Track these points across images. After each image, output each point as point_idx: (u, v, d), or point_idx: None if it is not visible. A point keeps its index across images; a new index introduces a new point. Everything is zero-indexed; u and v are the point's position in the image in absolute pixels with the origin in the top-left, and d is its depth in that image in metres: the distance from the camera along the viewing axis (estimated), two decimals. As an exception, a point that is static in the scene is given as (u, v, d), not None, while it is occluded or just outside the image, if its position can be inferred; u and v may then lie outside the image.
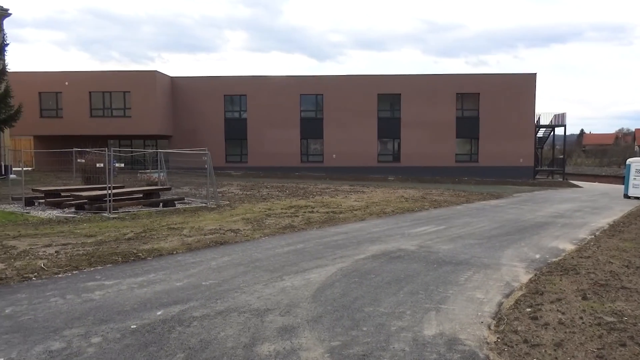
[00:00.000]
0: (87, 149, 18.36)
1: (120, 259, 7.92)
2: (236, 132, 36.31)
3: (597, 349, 4.44)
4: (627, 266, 7.75)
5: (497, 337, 4.76)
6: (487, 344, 4.62)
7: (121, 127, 33.63)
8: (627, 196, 23.47)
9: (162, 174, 18.55)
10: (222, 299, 5.83)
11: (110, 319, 5.12)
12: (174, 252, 8.55)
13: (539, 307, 5.64)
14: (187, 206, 15.44)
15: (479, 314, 5.49)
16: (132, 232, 10.41)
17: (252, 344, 4.49)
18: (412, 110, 35.75)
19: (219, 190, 18.50)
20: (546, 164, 43.39)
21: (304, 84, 36.26)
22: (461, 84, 36.07)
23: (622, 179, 29.52)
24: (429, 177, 33.52)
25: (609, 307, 5.61)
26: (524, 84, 35.72)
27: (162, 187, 16.87)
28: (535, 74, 35.86)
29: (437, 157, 35.70)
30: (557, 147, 45.45)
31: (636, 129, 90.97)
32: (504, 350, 4.46)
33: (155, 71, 33.69)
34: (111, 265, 7.58)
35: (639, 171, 23.64)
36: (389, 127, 36.17)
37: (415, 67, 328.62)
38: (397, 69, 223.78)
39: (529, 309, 5.57)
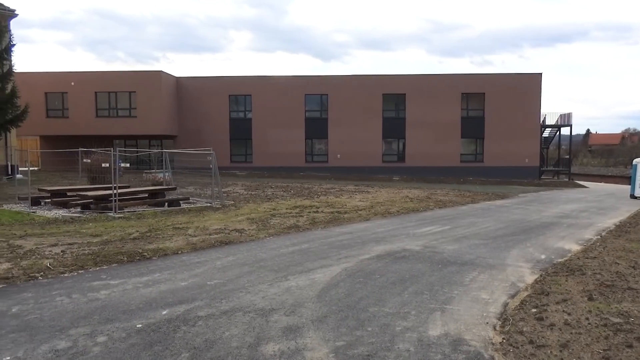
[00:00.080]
0: (92, 149, 18.45)
1: (125, 258, 7.95)
2: (241, 132, 36.36)
3: (603, 350, 4.42)
4: (633, 267, 7.70)
5: (503, 338, 4.74)
6: (493, 344, 4.61)
7: (126, 127, 33.75)
8: (633, 196, 23.33)
9: (167, 174, 18.60)
10: (227, 299, 5.84)
11: (115, 318, 5.14)
12: (179, 252, 8.57)
13: (545, 307, 5.61)
14: (192, 206, 15.48)
15: (484, 314, 5.47)
16: (137, 231, 10.45)
17: (257, 343, 4.50)
18: (417, 110, 35.68)
19: (223, 190, 18.54)
20: (552, 164, 43.21)
21: (308, 84, 36.27)
22: (466, 83, 35.96)
23: (628, 180, 29.33)
24: (434, 177, 33.44)
25: (615, 308, 5.58)
26: (529, 84, 35.57)
27: (167, 187, 16.91)
28: (540, 73, 35.71)
29: (442, 157, 35.62)
30: (562, 147, 45.27)
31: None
32: (509, 351, 4.44)
33: (160, 71, 33.78)
34: (117, 264, 7.61)
35: None
36: (394, 127, 36.12)
37: (420, 67, 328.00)
38: (402, 69, 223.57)
39: (534, 310, 5.55)
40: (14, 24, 26.78)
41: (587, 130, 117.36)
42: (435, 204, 17.60)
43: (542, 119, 37.33)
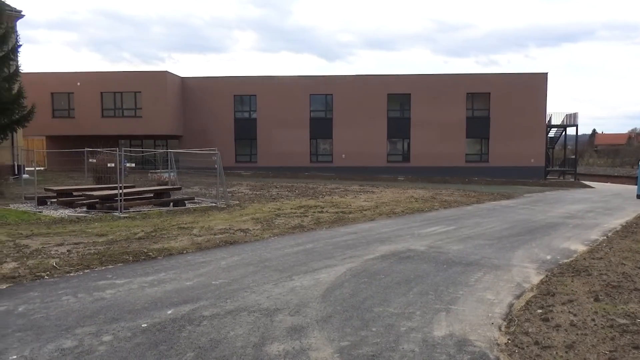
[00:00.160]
0: (98, 149, 18.53)
1: (131, 258, 7.98)
2: (246, 132, 36.41)
3: (610, 351, 4.40)
4: (639, 267, 7.66)
5: (508, 339, 4.73)
6: (498, 345, 4.59)
7: (132, 127, 33.86)
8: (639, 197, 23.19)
9: (172, 174, 18.66)
10: (232, 299, 5.86)
11: (121, 317, 5.16)
12: (184, 252, 8.60)
13: (550, 308, 5.59)
14: (197, 206, 15.52)
15: (490, 315, 5.46)
16: (142, 231, 10.49)
17: (262, 343, 4.51)
18: (422, 110, 35.60)
19: (228, 190, 18.57)
20: (557, 164, 43.02)
21: (313, 84, 36.26)
22: (471, 83, 35.84)
23: (634, 180, 29.18)
24: (439, 177, 33.35)
25: (622, 309, 5.55)
26: (534, 84, 35.41)
27: (172, 186, 16.96)
28: (546, 73, 35.55)
29: (447, 157, 35.52)
30: (568, 147, 45.11)
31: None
32: (514, 351, 4.43)
33: (165, 71, 33.86)
34: (122, 264, 7.64)
35: None
36: (399, 127, 36.06)
37: (425, 67, 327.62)
38: (407, 69, 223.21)
39: (540, 311, 5.53)
40: (20, 25, 26.93)
41: (593, 130, 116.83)
42: (440, 204, 17.56)
43: (547, 119, 37.17)
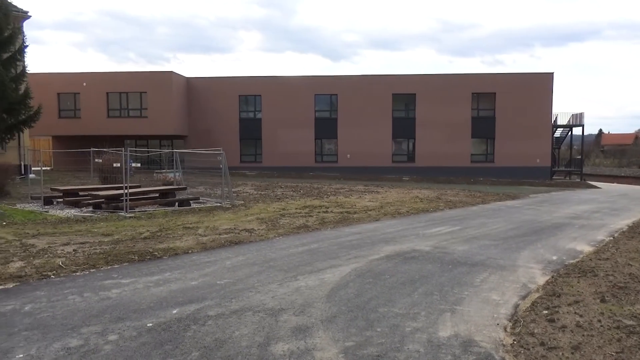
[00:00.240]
0: (104, 149, 18.61)
1: (136, 257, 8.01)
2: (251, 132, 36.47)
3: (616, 352, 4.37)
4: (647, 268, 7.61)
5: (514, 339, 4.71)
6: (503, 346, 4.58)
7: (138, 127, 34.00)
8: None
9: (177, 174, 18.71)
10: (237, 298, 5.86)
11: (126, 317, 5.18)
12: (189, 251, 8.62)
13: (556, 309, 5.56)
14: (202, 206, 15.56)
15: (495, 315, 5.44)
16: (148, 231, 10.52)
17: (267, 343, 4.51)
18: (427, 110, 35.53)
19: (233, 190, 18.60)
20: (563, 164, 42.80)
21: (318, 84, 36.28)
22: (477, 83, 35.74)
23: (641, 180, 28.98)
24: (444, 178, 33.25)
25: (628, 310, 5.52)
26: (540, 84, 35.27)
27: (177, 186, 17.01)
28: (552, 73, 35.41)
29: (452, 157, 35.43)
30: (574, 147, 44.86)
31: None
32: (520, 352, 4.41)
33: (171, 72, 33.98)
34: (127, 263, 7.67)
35: None
36: (404, 127, 36.00)
37: (430, 67, 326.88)
38: (412, 69, 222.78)
39: (546, 311, 5.51)
40: (27, 26, 27.12)
41: (600, 130, 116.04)
42: (445, 204, 17.52)
43: (553, 119, 36.99)
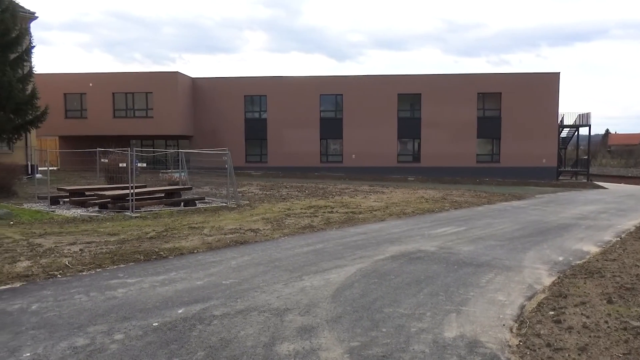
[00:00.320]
0: (110, 149, 18.69)
1: (142, 257, 8.04)
2: (256, 132, 36.52)
3: (623, 354, 4.34)
4: (654, 269, 7.56)
5: (519, 340, 4.69)
6: (509, 347, 4.56)
7: (143, 127, 34.12)
8: None
9: (183, 174, 18.76)
10: (242, 298, 5.87)
11: (132, 316, 5.20)
12: (195, 251, 8.64)
13: (563, 310, 5.54)
14: (208, 206, 15.59)
15: (501, 316, 5.42)
16: (153, 231, 10.56)
17: (272, 343, 4.52)
18: (433, 110, 35.45)
19: (239, 190, 18.63)
20: (570, 164, 42.61)
21: (323, 84, 36.27)
22: (482, 83, 35.62)
23: (649, 180, 28.78)
24: (449, 178, 33.14)
25: (636, 311, 5.48)
26: (547, 84, 35.10)
27: (183, 186, 17.05)
28: (558, 73, 35.22)
29: (457, 158, 35.33)
30: (581, 147, 44.61)
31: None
32: (526, 353, 4.39)
33: (176, 72, 34.07)
34: (133, 263, 7.70)
35: None
36: (409, 127, 35.94)
37: (435, 67, 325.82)
38: (417, 69, 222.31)
39: (552, 312, 5.48)
40: (33, 26, 27.29)
41: (607, 130, 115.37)
42: (450, 204, 17.48)
43: (560, 119, 36.81)
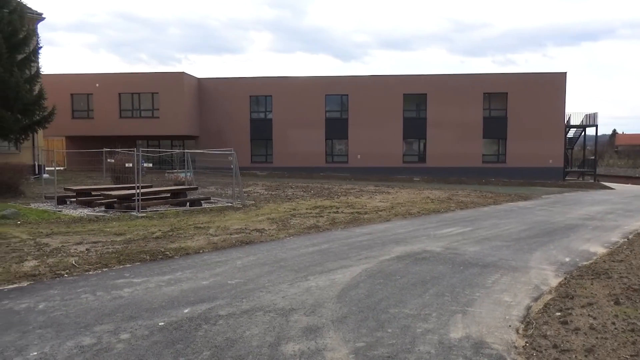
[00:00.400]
0: (116, 149, 18.78)
1: (148, 257, 8.07)
2: (261, 133, 36.56)
3: (631, 355, 4.31)
4: (662, 271, 7.50)
5: (526, 342, 4.67)
6: (515, 348, 4.54)
7: (149, 127, 34.23)
8: None
9: (189, 174, 18.82)
10: (248, 298, 5.88)
11: (138, 316, 5.22)
12: (201, 251, 8.66)
13: (569, 311, 5.51)
14: (213, 206, 15.63)
15: (507, 317, 5.40)
16: (159, 230, 10.60)
17: (277, 343, 4.52)
18: (438, 110, 35.36)
19: (244, 190, 18.66)
20: (576, 165, 42.37)
21: (329, 84, 36.26)
22: (488, 83, 35.49)
23: (656, 181, 28.57)
24: (455, 178, 33.04)
25: (643, 312, 5.44)
26: (553, 83, 34.92)
27: (189, 186, 17.10)
28: (565, 72, 35.01)
29: (463, 158, 35.22)
30: (588, 147, 44.37)
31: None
32: (532, 355, 4.37)
33: (182, 72, 34.16)
34: (139, 263, 7.73)
35: None
36: (415, 128, 35.86)
37: (441, 67, 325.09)
38: (423, 69, 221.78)
39: (558, 313, 5.45)
40: (41, 27, 27.45)
41: (614, 130, 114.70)
42: (456, 205, 17.43)
43: (566, 119, 36.63)
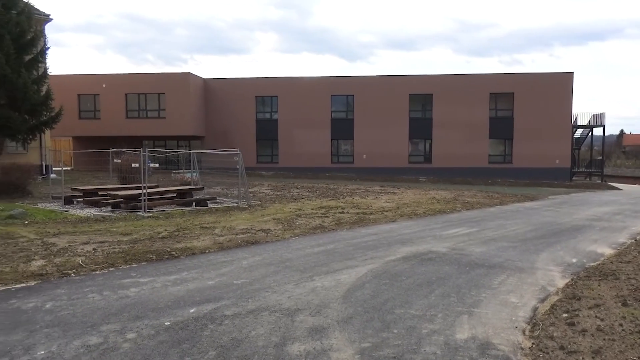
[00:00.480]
0: (123, 150, 18.86)
1: (154, 257, 8.10)
2: (267, 133, 36.61)
3: (638, 357, 4.29)
4: (670, 272, 7.44)
5: (532, 343, 4.65)
6: (522, 349, 4.52)
7: (156, 128, 34.37)
8: None
9: (194, 174, 18.87)
10: (253, 298, 5.89)
11: (144, 315, 5.24)
12: (206, 251, 8.68)
13: (576, 312, 5.48)
14: (219, 206, 15.66)
15: (513, 318, 5.37)
16: (166, 230, 10.63)
17: (283, 343, 4.52)
18: (444, 110, 35.26)
19: (250, 190, 18.69)
20: (584, 165, 42.13)
21: (334, 85, 36.26)
22: (495, 83, 35.36)
23: (664, 181, 28.36)
24: (461, 179, 32.92)
25: (651, 314, 5.40)
26: (560, 84, 34.74)
27: (195, 186, 17.15)
28: (572, 72, 34.82)
29: (469, 158, 35.10)
30: (595, 148, 44.12)
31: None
32: (539, 356, 4.35)
33: (188, 73, 34.27)
34: (146, 263, 7.76)
35: None
36: (421, 128, 35.78)
37: (447, 67, 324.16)
38: (429, 69, 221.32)
39: (565, 315, 5.42)
40: (48, 28, 27.63)
41: (621, 130, 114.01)
42: (462, 205, 17.37)
43: (573, 119, 36.43)
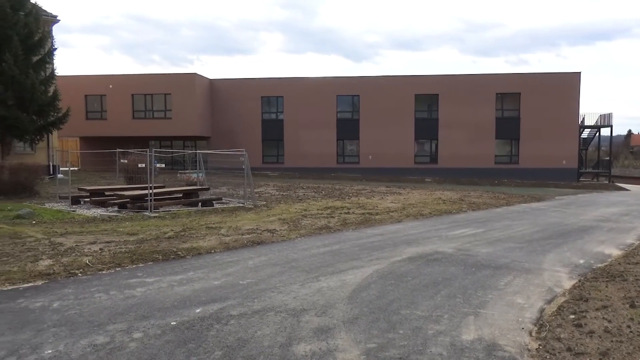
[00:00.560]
0: (129, 150, 18.94)
1: (160, 257, 8.13)
2: (273, 133, 36.66)
3: (646, 359, 4.25)
4: (678, 273, 7.38)
5: (539, 344, 4.62)
6: (528, 350, 4.50)
7: (162, 128, 34.53)
8: None
9: (200, 174, 18.91)
10: (259, 298, 5.90)
11: (151, 315, 5.26)
12: (212, 251, 8.70)
13: (584, 314, 5.44)
14: (225, 206, 15.69)
15: (520, 319, 5.35)
16: (172, 231, 10.67)
17: (289, 343, 4.53)
18: (450, 110, 35.16)
19: (255, 190, 18.71)
20: (591, 165, 41.90)
21: (340, 85, 36.25)
22: (501, 83, 35.22)
23: (673, 182, 28.14)
24: (467, 179, 32.82)
25: (659, 316, 5.36)
26: (567, 84, 34.56)
27: (200, 187, 17.20)
28: (579, 72, 34.63)
29: (475, 159, 34.99)
30: (602, 148, 43.89)
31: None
32: (546, 357, 4.33)
33: (194, 74, 34.39)
34: (152, 263, 7.78)
35: None
36: (426, 128, 35.71)
37: (453, 67, 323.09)
38: (435, 69, 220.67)
39: (572, 316, 5.39)
40: (56, 29, 27.80)
41: (629, 130, 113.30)
42: (468, 206, 17.31)
43: (580, 120, 36.24)
